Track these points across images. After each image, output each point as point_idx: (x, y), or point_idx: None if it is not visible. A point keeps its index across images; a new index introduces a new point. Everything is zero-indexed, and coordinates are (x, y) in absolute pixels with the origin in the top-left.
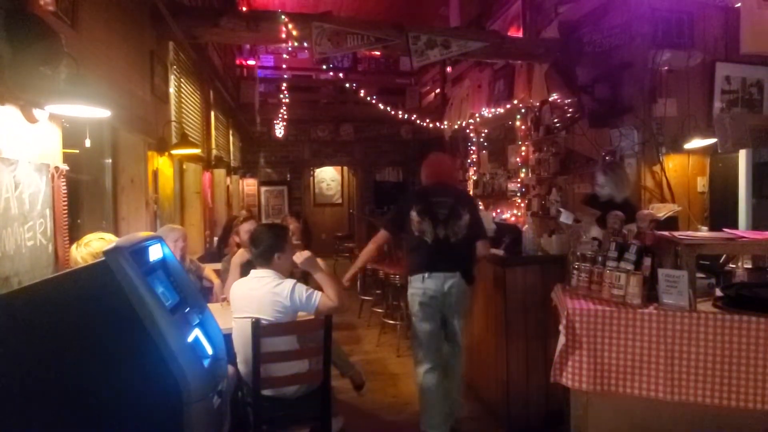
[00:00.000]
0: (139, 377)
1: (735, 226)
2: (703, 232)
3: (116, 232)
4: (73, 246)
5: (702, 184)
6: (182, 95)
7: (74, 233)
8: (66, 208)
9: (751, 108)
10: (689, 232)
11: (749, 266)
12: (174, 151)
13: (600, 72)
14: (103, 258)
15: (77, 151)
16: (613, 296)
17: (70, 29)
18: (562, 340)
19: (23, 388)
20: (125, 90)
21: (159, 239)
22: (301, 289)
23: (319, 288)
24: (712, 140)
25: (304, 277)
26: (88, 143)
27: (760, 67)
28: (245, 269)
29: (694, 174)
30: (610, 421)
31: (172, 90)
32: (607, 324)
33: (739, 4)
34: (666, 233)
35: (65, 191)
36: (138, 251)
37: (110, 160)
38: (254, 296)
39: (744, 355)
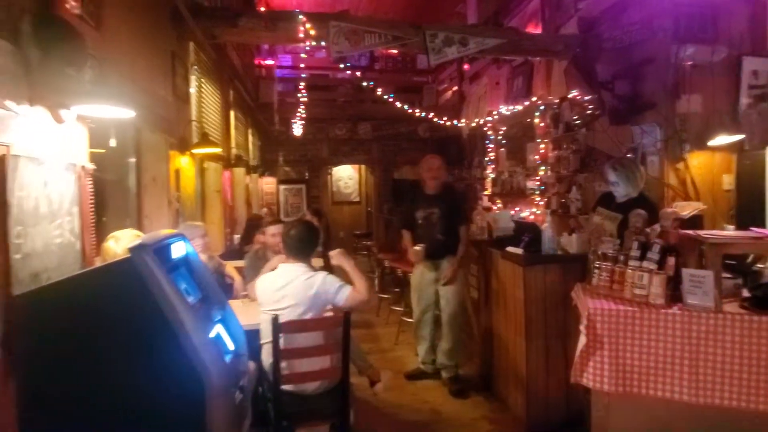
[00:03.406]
0: (162, 371)
1: (763, 225)
2: (730, 231)
3: (140, 230)
4: (110, 241)
5: (728, 181)
6: (202, 95)
7: (100, 231)
8: (92, 206)
9: None
10: (715, 231)
11: None
12: (195, 151)
13: (620, 68)
14: (129, 255)
15: (103, 151)
16: (636, 296)
17: (94, 31)
18: (582, 339)
19: (52, 380)
20: (147, 90)
21: (182, 237)
22: (333, 281)
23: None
24: (739, 137)
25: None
26: (113, 143)
27: None
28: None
29: (720, 171)
30: (632, 423)
31: (192, 90)
32: (629, 324)
33: None
34: (690, 232)
35: (91, 190)
36: (162, 248)
37: (134, 160)
38: (287, 287)
39: None
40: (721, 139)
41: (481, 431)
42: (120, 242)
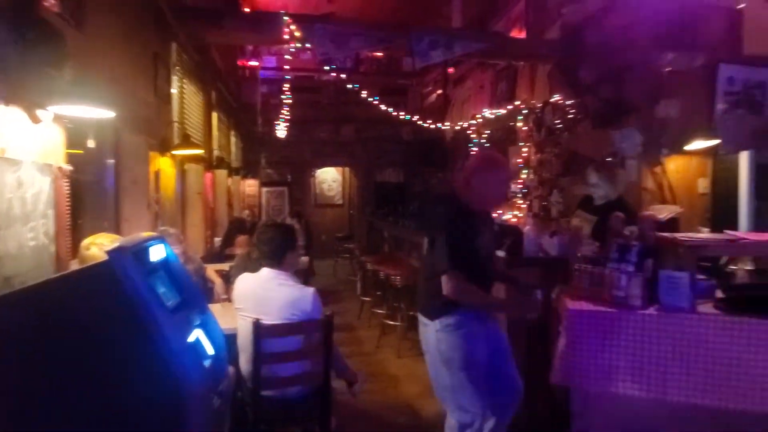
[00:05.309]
0: (139, 377)
1: (736, 227)
2: (705, 234)
3: (118, 233)
4: (92, 247)
5: (703, 185)
6: (184, 96)
7: (76, 234)
8: (69, 208)
9: (753, 110)
10: (691, 234)
11: (750, 268)
12: (176, 152)
13: (603, 73)
14: (106, 258)
15: (81, 152)
16: (614, 297)
17: (75, 30)
18: (562, 341)
19: (25, 386)
20: (128, 91)
21: (162, 239)
22: (318, 304)
23: None
24: (715, 142)
25: (305, 277)
26: (91, 144)
27: (764, 68)
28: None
29: (696, 176)
30: (612, 421)
31: (174, 91)
32: (608, 325)
33: (743, 5)
34: (667, 235)
35: (68, 191)
36: (140, 251)
37: (113, 161)
38: (270, 297)
39: (744, 357)
40: (698, 144)
41: None
42: (103, 247)
